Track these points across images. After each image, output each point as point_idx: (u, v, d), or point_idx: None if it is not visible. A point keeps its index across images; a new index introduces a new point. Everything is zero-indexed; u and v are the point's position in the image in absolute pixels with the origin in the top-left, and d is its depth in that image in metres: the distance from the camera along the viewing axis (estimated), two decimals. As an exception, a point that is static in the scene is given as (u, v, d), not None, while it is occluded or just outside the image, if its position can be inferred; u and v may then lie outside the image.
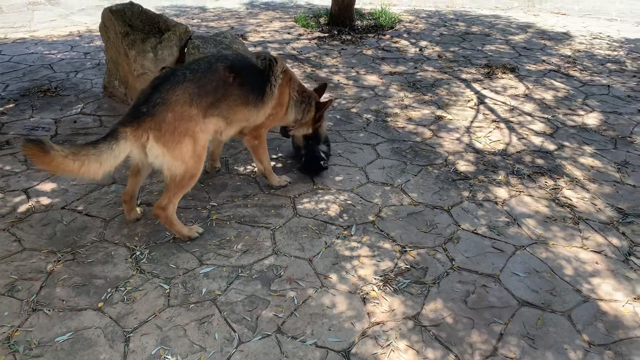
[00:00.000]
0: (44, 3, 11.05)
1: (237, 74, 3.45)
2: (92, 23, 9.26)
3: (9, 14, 9.92)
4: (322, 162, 4.17)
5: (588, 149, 4.86)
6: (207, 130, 3.30)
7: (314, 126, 4.21)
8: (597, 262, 3.34)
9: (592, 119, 5.55)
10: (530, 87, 6.51)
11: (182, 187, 3.28)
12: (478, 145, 4.88)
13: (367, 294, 3.00)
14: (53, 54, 7.38)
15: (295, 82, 4.00)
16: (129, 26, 5.24)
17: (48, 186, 3.99)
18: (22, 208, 3.72)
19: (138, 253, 3.28)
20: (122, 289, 2.98)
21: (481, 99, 6.06)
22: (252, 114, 3.64)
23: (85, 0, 11.43)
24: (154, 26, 5.38)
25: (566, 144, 4.95)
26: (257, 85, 3.61)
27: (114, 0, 11.16)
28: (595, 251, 3.45)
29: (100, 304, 2.86)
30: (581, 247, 3.48)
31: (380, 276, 3.15)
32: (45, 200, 3.82)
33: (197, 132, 3.17)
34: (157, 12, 5.70)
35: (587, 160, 4.64)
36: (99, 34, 6.90)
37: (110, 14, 5.32)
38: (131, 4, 5.50)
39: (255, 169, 4.27)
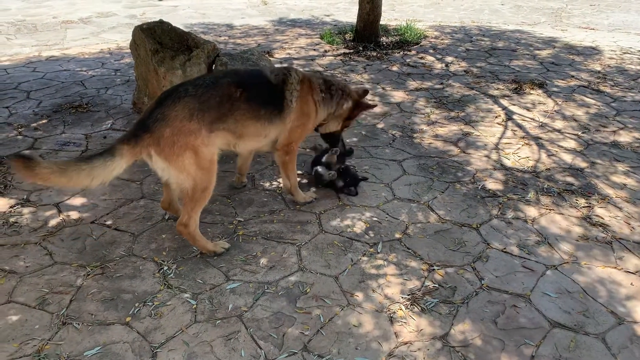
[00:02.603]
0: (77, 22, 11.37)
1: (245, 88, 3.43)
2: (122, 40, 9.48)
3: (44, 32, 10.23)
4: (360, 178, 4.26)
5: (621, 166, 4.75)
6: (212, 143, 3.29)
7: (345, 123, 4.15)
8: (632, 284, 3.24)
9: (624, 136, 5.43)
10: (560, 103, 6.41)
11: (197, 201, 3.29)
12: (507, 162, 4.81)
13: (394, 313, 2.97)
14: (84, 71, 7.57)
15: (317, 84, 3.88)
16: (158, 44, 5.34)
17: (78, 201, 4.07)
18: (53, 222, 3.79)
19: (166, 268, 3.31)
20: (150, 303, 3.00)
21: (509, 115, 5.99)
22: (269, 129, 3.62)
23: (115, 19, 11.73)
24: (183, 44, 5.48)
25: (598, 161, 4.85)
26: (269, 100, 3.58)
27: (144, 18, 11.47)
28: (630, 272, 3.35)
29: (128, 319, 2.88)
30: (615, 268, 3.39)
31: (408, 295, 3.10)
32: (75, 215, 3.88)
33: (198, 145, 3.17)
34: (186, 30, 5.80)
35: (620, 178, 4.52)
36: (128, 51, 7.05)
37: (141, 31, 5.44)
38: (161, 22, 5.62)
39: (281, 184, 4.27)
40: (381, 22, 9.71)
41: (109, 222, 3.80)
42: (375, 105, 4.41)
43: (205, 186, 3.26)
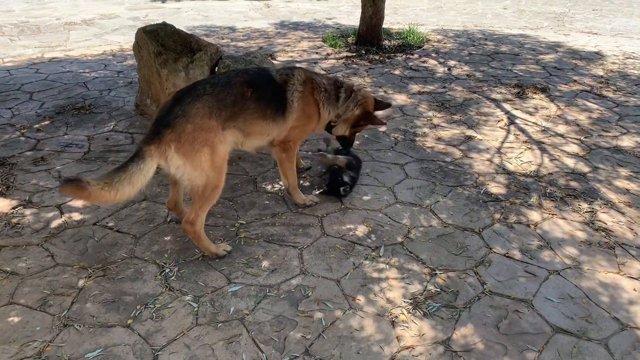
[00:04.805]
0: (80, 23, 11.39)
1: (255, 88, 3.51)
2: (125, 42, 9.50)
3: (47, 34, 10.25)
4: (342, 189, 4.13)
5: (623, 171, 4.74)
6: (226, 141, 3.36)
7: (352, 129, 4.13)
8: (635, 289, 3.23)
9: (627, 141, 5.42)
10: (562, 107, 6.40)
11: (207, 200, 3.31)
12: (509, 167, 4.80)
13: (396, 317, 2.96)
14: (87, 73, 7.58)
15: (322, 85, 3.87)
16: (161, 46, 5.35)
17: (80, 202, 4.06)
18: (55, 223, 3.79)
19: (167, 270, 3.30)
20: (152, 306, 2.99)
21: (512, 119, 5.99)
22: (272, 128, 3.67)
23: (118, 21, 11.75)
24: (186, 46, 5.49)
25: (600, 166, 4.84)
26: (274, 100, 3.64)
27: (147, 20, 11.49)
28: (633, 277, 3.34)
29: (129, 321, 2.88)
30: (618, 273, 3.37)
31: (410, 299, 3.09)
32: (77, 216, 3.88)
33: (216, 142, 3.23)
34: (189, 32, 5.80)
35: (623, 183, 4.51)
36: (131, 53, 7.07)
37: (144, 34, 5.45)
38: (164, 24, 5.63)
39: (283, 186, 4.27)
40: (384, 26, 9.73)
41: (110, 224, 3.80)
42: (384, 124, 4.45)
43: (216, 184, 3.29)
